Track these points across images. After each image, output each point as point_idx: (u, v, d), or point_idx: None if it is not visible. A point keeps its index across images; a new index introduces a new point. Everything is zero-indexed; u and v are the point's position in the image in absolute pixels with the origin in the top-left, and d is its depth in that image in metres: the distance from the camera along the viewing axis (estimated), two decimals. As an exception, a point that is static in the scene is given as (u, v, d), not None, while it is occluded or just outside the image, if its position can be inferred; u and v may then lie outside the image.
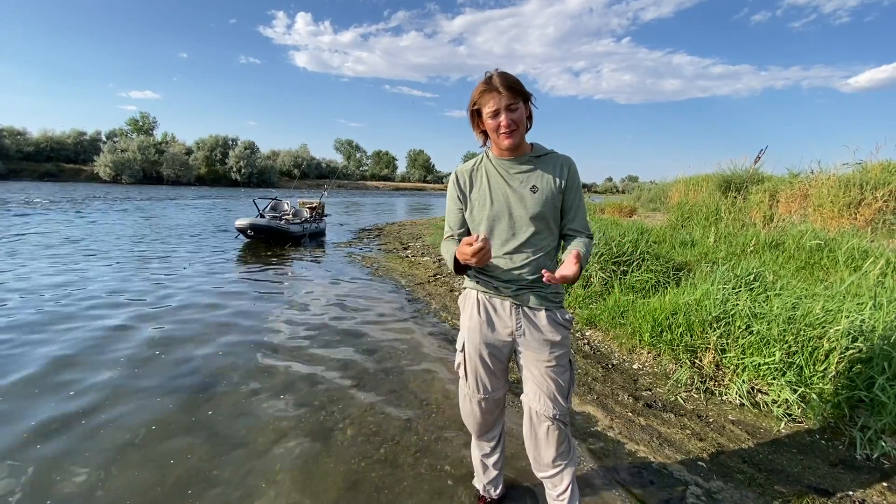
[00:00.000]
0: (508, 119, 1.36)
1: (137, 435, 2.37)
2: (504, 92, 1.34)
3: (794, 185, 7.61)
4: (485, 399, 1.60)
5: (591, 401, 2.84)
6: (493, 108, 1.36)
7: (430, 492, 1.99)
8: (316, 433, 2.44)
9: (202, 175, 52.16)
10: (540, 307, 1.47)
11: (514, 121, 1.37)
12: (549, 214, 1.46)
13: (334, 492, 1.98)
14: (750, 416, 2.66)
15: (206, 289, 5.50)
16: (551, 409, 1.47)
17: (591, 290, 4.58)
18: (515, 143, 1.41)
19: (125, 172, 44.75)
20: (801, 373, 2.58)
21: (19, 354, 3.30)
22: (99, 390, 2.83)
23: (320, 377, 3.13)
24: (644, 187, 18.95)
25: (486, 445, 1.78)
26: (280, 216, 10.54)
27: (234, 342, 3.75)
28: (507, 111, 1.35)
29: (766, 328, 2.73)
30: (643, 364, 3.36)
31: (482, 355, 1.53)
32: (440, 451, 2.30)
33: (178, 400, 2.75)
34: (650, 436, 2.47)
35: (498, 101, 1.35)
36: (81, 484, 1.98)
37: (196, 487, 1.98)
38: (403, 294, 5.61)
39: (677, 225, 7.18)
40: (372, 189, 65.48)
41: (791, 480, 2.11)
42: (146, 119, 59.30)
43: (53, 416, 2.50)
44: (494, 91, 1.35)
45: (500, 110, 1.36)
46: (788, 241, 4.96)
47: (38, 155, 46.94)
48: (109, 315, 4.27)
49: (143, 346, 3.58)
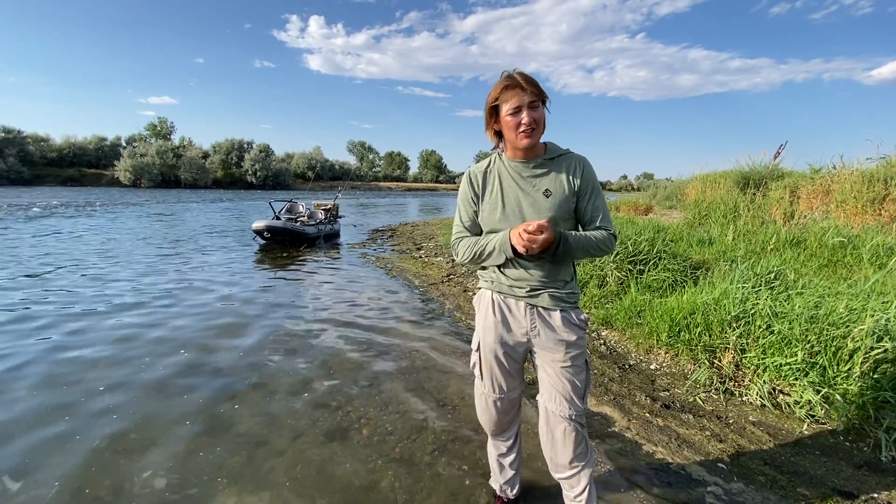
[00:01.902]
0: (530, 117, 1.34)
1: (159, 432, 2.43)
2: (528, 88, 1.33)
3: (816, 180, 7.43)
4: (500, 399, 1.61)
5: (608, 401, 2.82)
6: (514, 105, 1.34)
7: (447, 492, 2.00)
8: (333, 432, 2.47)
9: (218, 178, 53.03)
10: (554, 308, 1.46)
11: (536, 119, 1.35)
12: (563, 218, 1.43)
13: (352, 490, 2.00)
14: (771, 418, 2.61)
15: (223, 290, 5.60)
16: (567, 410, 1.47)
17: (606, 290, 4.54)
18: (533, 143, 1.40)
19: (144, 177, 45.77)
20: (825, 373, 2.52)
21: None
22: (120, 386, 2.90)
23: (336, 377, 3.17)
24: (660, 185, 18.66)
25: (502, 445, 1.79)
26: (295, 218, 10.67)
27: (251, 342, 3.81)
28: (528, 108, 1.34)
29: (788, 328, 2.68)
30: (661, 364, 3.32)
31: (497, 355, 1.54)
32: (457, 451, 2.31)
33: (198, 398, 2.81)
34: (668, 437, 2.44)
35: (521, 97, 1.33)
36: (82, 475, 2.04)
37: (218, 483, 2.02)
38: (417, 294, 5.64)
39: (694, 223, 7.07)
40: (385, 190, 65.78)
41: (814, 483, 2.07)
42: (164, 124, 60.52)
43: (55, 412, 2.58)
44: (518, 87, 1.34)
45: (522, 107, 1.34)
46: (810, 239, 4.85)
47: (62, 161, 48.31)
48: (131, 314, 4.38)
49: (163, 344, 3.66)
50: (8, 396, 2.78)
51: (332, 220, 11.38)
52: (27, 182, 40.98)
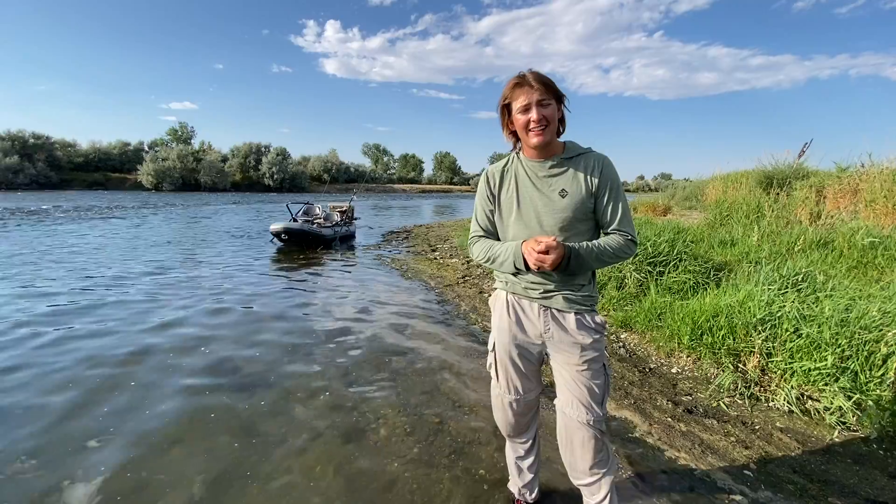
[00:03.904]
0: (539, 114, 1.32)
1: (181, 430, 2.47)
2: (536, 86, 1.32)
3: (843, 179, 7.19)
4: (516, 400, 1.59)
5: (629, 405, 2.77)
6: (524, 103, 1.33)
7: (465, 495, 1.99)
8: (350, 433, 2.48)
9: (237, 181, 54.03)
10: (569, 310, 1.43)
11: (546, 117, 1.33)
12: (579, 219, 1.40)
13: (370, 491, 2.00)
14: (799, 424, 2.52)
15: (242, 291, 5.69)
16: (585, 415, 1.44)
17: (625, 292, 4.47)
18: (545, 142, 1.37)
19: (166, 180, 46.91)
20: (856, 378, 2.43)
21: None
22: (143, 386, 2.96)
23: (353, 378, 3.18)
24: (678, 185, 18.32)
25: (520, 448, 1.77)
26: (312, 220, 10.79)
27: (269, 343, 3.86)
28: (538, 106, 1.32)
29: (817, 331, 2.59)
30: (682, 368, 3.25)
31: (512, 356, 1.52)
32: (475, 454, 2.29)
33: (218, 398, 2.85)
34: (692, 442, 2.38)
35: (530, 95, 1.32)
36: (111, 475, 2.08)
37: (238, 482, 2.04)
38: (433, 296, 5.63)
39: (716, 223, 6.91)
40: (399, 192, 66.10)
41: (846, 492, 1.99)
42: (185, 129, 61.91)
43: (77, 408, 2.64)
44: (527, 85, 1.33)
45: (531, 105, 1.33)
46: (839, 240, 4.69)
47: (87, 165, 49.83)
48: (156, 315, 4.48)
49: (185, 343, 3.73)
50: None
51: (348, 222, 11.47)
52: (55, 186, 42.35)
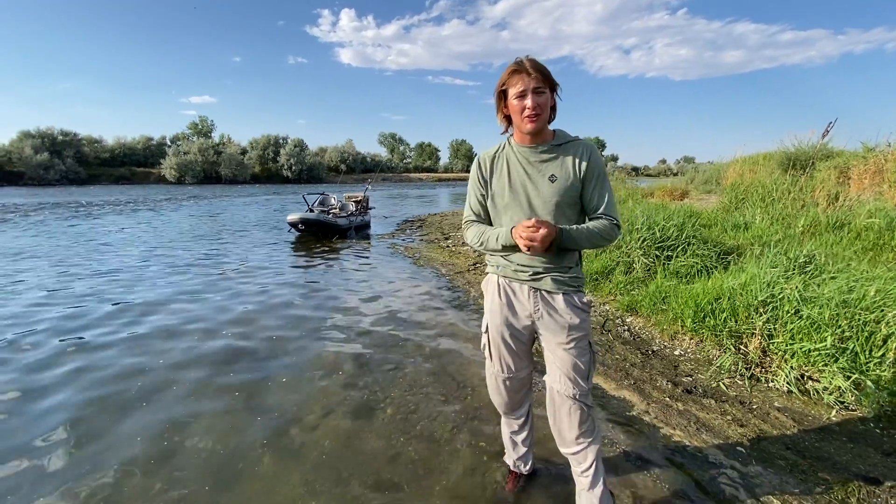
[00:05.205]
0: (534, 101, 1.38)
1: (200, 407, 2.66)
2: (533, 74, 1.37)
3: (869, 159, 6.97)
4: (509, 378, 1.68)
5: (628, 385, 2.84)
6: (520, 89, 1.38)
7: (464, 466, 2.11)
8: (359, 410, 2.62)
9: (256, 173, 54.90)
10: (557, 291, 1.50)
11: (540, 104, 1.39)
12: (567, 204, 1.46)
13: (375, 463, 2.14)
14: (798, 404, 2.56)
15: (260, 279, 5.91)
16: (571, 389, 1.53)
17: (633, 276, 4.49)
18: (538, 129, 1.43)
19: (188, 174, 48.02)
20: (856, 359, 2.45)
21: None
22: (166, 367, 3.17)
23: (364, 360, 3.33)
24: (700, 168, 17.90)
25: (514, 423, 1.87)
26: (328, 210, 10.99)
27: (285, 326, 4.04)
28: (533, 93, 1.37)
29: (818, 312, 2.60)
30: (685, 350, 3.29)
31: (504, 337, 1.61)
32: (475, 430, 2.41)
33: (237, 378, 3.03)
34: (688, 420, 2.45)
35: (526, 82, 1.37)
36: (134, 447, 2.26)
37: (253, 454, 2.21)
38: (444, 282, 5.75)
39: (730, 207, 6.80)
40: (415, 181, 66.13)
41: (837, 468, 2.04)
42: (205, 122, 62.96)
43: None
44: (524, 72, 1.38)
45: (527, 92, 1.38)
46: (855, 221, 4.60)
47: (113, 160, 51.31)
48: (181, 300, 4.72)
49: (208, 324, 3.94)
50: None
51: (363, 212, 11.64)
52: (84, 181, 43.79)
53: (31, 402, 2.71)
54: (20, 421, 2.51)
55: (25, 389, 2.86)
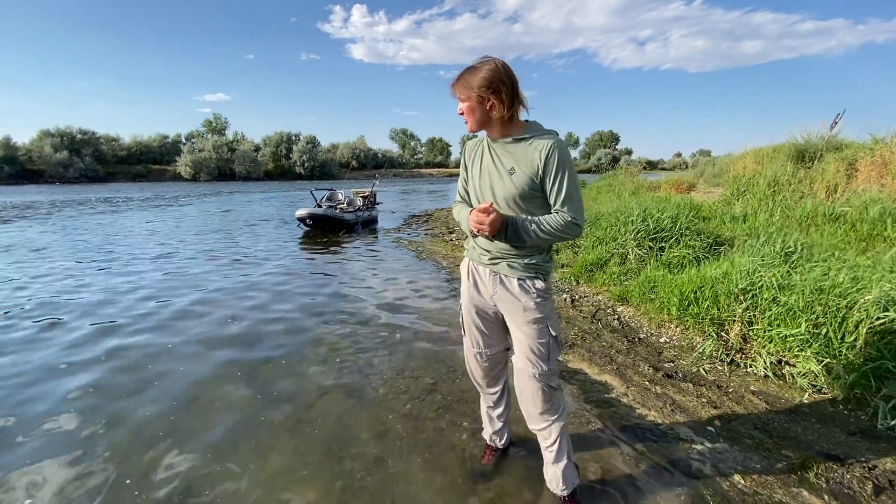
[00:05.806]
0: (461, 109, 1.56)
1: (202, 387, 2.85)
2: (454, 85, 1.55)
3: (875, 151, 6.90)
4: (480, 353, 1.82)
5: (611, 370, 2.95)
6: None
7: (446, 442, 2.25)
8: (352, 391, 2.78)
9: (269, 170, 55.72)
10: (512, 276, 1.61)
11: (464, 112, 1.55)
12: (525, 196, 1.53)
13: (364, 438, 2.30)
14: (773, 388, 2.64)
15: (269, 270, 6.12)
16: (531, 369, 1.64)
17: (626, 267, 4.57)
18: (471, 130, 1.60)
19: (203, 171, 48.96)
20: (830, 344, 2.52)
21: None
22: (175, 348, 3.37)
23: (360, 345, 3.49)
24: (714, 161, 17.72)
25: (490, 398, 2.00)
26: (335, 205, 11.20)
27: (287, 312, 4.26)
28: (460, 101, 1.55)
29: (794, 299, 2.68)
30: (670, 337, 3.38)
31: (472, 315, 1.75)
32: (460, 410, 2.55)
33: (238, 360, 3.22)
34: (664, 402, 2.55)
35: (452, 92, 1.57)
36: (146, 422, 2.45)
37: (250, 429, 2.38)
38: (443, 274, 5.89)
39: (732, 199, 6.80)
40: (426, 176, 66.37)
41: (802, 446, 2.13)
42: (219, 120, 64.01)
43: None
44: (452, 85, 1.56)
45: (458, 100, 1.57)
46: (851, 212, 4.61)
47: (130, 158, 52.58)
48: (192, 291, 4.95)
49: (215, 311, 4.14)
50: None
51: (370, 207, 11.83)
52: (102, 179, 44.99)
53: (68, 375, 2.93)
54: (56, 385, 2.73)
55: (65, 363, 3.10)
